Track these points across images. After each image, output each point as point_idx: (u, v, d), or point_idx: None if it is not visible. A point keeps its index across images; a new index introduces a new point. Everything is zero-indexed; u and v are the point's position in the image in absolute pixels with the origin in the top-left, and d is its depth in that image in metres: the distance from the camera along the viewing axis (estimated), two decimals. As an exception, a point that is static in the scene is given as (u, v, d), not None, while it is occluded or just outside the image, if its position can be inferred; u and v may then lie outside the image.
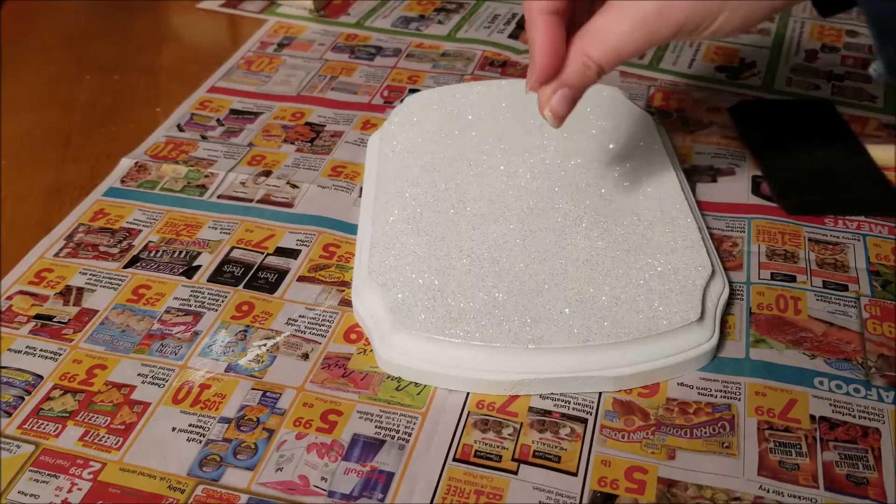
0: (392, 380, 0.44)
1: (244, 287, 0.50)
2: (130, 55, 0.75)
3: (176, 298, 0.49)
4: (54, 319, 0.48)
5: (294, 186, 0.58)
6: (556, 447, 0.41)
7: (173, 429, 0.42)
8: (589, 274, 0.46)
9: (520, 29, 0.75)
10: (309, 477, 0.40)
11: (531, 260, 0.47)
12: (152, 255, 0.52)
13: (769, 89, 0.66)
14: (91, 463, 0.41)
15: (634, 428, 0.42)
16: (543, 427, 0.42)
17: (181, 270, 0.51)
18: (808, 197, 0.54)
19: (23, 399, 0.44)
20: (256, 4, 0.81)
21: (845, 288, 0.49)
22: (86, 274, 0.51)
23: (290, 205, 0.56)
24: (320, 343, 0.46)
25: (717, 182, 0.57)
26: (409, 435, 0.42)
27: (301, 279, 0.51)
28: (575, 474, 0.40)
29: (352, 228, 0.54)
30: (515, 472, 0.40)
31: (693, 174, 0.57)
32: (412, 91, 0.67)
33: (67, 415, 0.43)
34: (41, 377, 0.45)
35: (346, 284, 0.50)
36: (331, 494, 0.39)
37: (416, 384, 0.44)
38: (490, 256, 0.47)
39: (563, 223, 0.50)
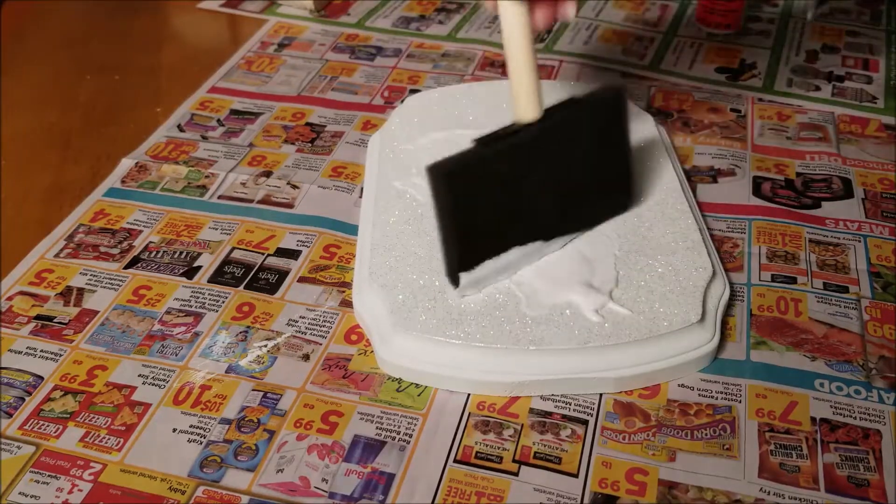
0: (393, 381, 0.44)
1: (245, 288, 0.50)
2: (130, 55, 0.75)
3: (176, 299, 0.49)
4: (55, 320, 0.48)
5: (294, 187, 0.58)
6: (556, 448, 0.41)
7: (174, 430, 0.42)
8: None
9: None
10: (310, 478, 0.40)
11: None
12: (153, 255, 0.52)
13: (769, 90, 0.67)
14: (92, 464, 0.41)
15: (635, 429, 0.42)
16: (544, 428, 0.42)
17: (182, 271, 0.51)
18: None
19: (23, 400, 0.44)
20: (257, 4, 0.81)
21: (846, 290, 0.49)
22: (86, 274, 0.51)
23: (290, 205, 0.56)
24: (321, 344, 0.46)
25: (718, 183, 0.57)
26: (410, 436, 0.42)
27: (301, 280, 0.50)
28: (576, 475, 0.40)
29: (352, 229, 0.54)
30: (516, 474, 0.40)
31: (693, 174, 0.57)
32: (412, 91, 0.67)
33: (68, 416, 0.43)
34: (42, 378, 0.45)
35: (347, 285, 0.50)
36: (331, 496, 0.39)
37: (417, 385, 0.44)
38: (491, 257, 0.47)
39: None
